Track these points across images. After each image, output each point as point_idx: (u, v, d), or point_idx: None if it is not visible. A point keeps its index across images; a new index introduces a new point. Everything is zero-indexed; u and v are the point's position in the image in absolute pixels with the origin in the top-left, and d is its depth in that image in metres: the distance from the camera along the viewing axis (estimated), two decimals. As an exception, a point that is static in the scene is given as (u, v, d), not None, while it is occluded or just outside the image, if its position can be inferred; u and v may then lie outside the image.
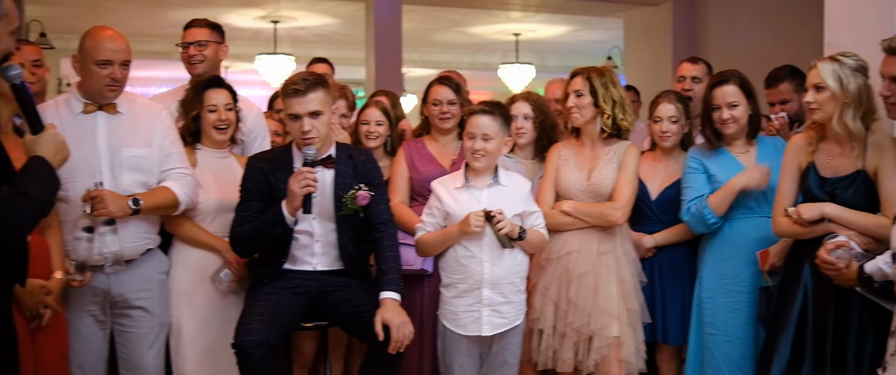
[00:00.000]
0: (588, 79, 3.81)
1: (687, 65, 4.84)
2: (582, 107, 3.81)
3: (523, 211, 3.66)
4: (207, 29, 4.41)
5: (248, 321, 3.37)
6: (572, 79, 3.86)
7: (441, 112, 4.19)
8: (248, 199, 3.59)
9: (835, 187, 3.30)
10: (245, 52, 11.14)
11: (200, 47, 4.36)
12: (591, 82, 3.80)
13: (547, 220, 3.75)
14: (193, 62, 4.36)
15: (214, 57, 4.40)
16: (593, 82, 3.79)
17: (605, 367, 3.70)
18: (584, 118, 3.83)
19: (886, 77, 3.12)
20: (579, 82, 3.82)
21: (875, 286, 3.02)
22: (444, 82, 4.25)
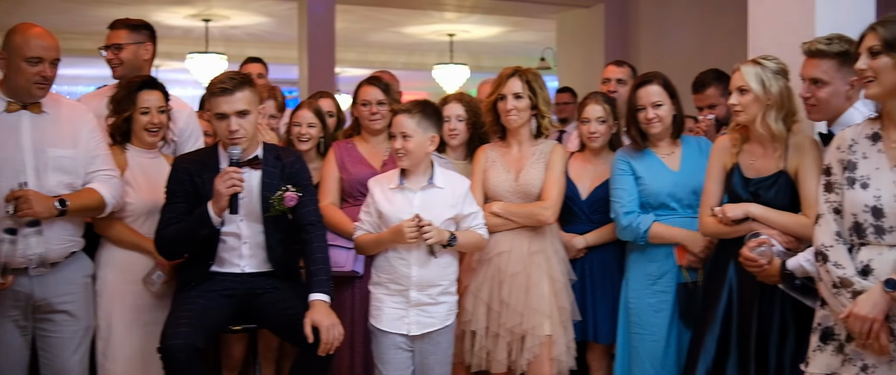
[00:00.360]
0: (526, 81, 3.83)
1: (612, 68, 4.91)
2: (521, 110, 3.84)
3: (458, 213, 3.66)
4: (125, 30, 4.28)
5: (174, 324, 3.32)
6: (508, 79, 3.87)
7: (370, 112, 4.17)
8: (173, 201, 3.54)
9: (758, 187, 3.35)
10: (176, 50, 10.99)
11: (116, 51, 4.24)
12: (529, 84, 3.83)
13: None
14: (112, 65, 4.26)
15: (133, 58, 4.27)
16: (531, 84, 3.83)
17: (537, 366, 3.73)
18: (521, 120, 3.86)
19: (806, 79, 3.19)
20: (517, 84, 3.84)
21: (797, 283, 3.09)
22: (373, 83, 4.23)
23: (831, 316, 2.81)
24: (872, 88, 2.70)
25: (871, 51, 2.68)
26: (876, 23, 2.70)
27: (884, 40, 2.64)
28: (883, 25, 2.66)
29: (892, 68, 2.65)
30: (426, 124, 3.60)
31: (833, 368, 2.79)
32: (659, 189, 3.80)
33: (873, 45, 2.67)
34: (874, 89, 2.70)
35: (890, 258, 2.67)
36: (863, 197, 2.71)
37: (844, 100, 3.18)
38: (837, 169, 2.81)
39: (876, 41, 2.66)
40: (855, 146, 2.78)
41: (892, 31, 2.63)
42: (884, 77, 2.67)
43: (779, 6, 3.55)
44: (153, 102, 3.81)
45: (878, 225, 2.68)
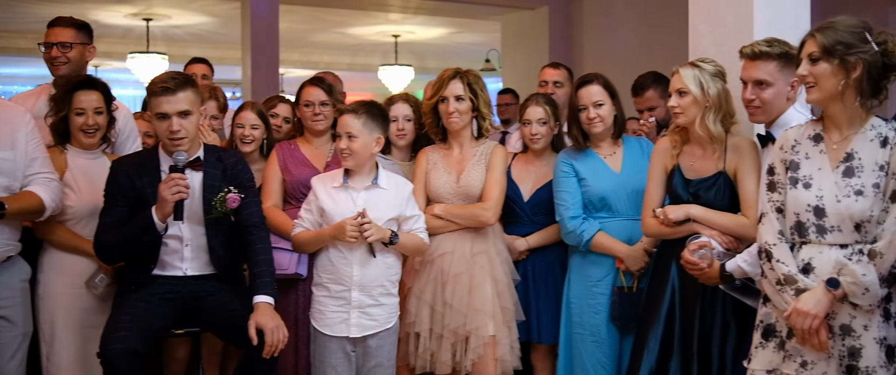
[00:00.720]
0: (468, 83, 3.85)
1: (549, 71, 4.95)
2: (462, 112, 3.85)
3: (400, 214, 3.66)
4: (73, 29, 4.21)
5: (114, 329, 3.26)
6: (449, 82, 3.87)
7: (313, 113, 4.13)
8: (113, 204, 3.47)
9: (698, 188, 3.40)
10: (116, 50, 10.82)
11: (65, 49, 4.16)
12: (470, 86, 3.85)
13: None
14: (56, 64, 4.16)
15: (80, 59, 4.21)
16: (473, 86, 3.85)
17: (481, 366, 3.74)
18: (463, 122, 3.87)
19: (750, 81, 3.23)
20: (459, 86, 3.85)
21: (736, 283, 3.14)
22: (316, 83, 4.19)
23: (773, 314, 2.86)
24: (813, 93, 2.75)
25: (811, 57, 2.73)
26: (815, 29, 2.76)
27: (822, 47, 2.69)
28: (821, 32, 2.72)
29: (831, 74, 2.70)
30: (372, 125, 3.60)
31: (774, 364, 2.83)
32: (601, 190, 3.83)
33: (813, 51, 2.72)
34: (815, 94, 2.75)
35: (830, 257, 2.72)
36: (805, 197, 2.76)
37: (786, 101, 3.24)
38: (780, 168, 2.86)
39: (815, 47, 2.72)
40: (798, 146, 2.83)
41: (830, 37, 2.69)
42: (823, 83, 2.72)
43: (718, 10, 3.61)
44: (90, 103, 3.73)
45: (819, 224, 2.73)
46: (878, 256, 2.64)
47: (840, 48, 2.67)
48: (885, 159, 2.69)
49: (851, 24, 2.70)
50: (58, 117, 3.74)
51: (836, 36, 2.68)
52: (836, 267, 2.68)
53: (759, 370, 2.87)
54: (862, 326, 2.69)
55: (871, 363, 2.67)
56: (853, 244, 2.70)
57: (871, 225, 2.69)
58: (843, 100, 2.72)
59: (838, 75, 2.69)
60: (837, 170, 2.74)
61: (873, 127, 2.74)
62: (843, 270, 2.66)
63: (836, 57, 2.68)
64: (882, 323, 2.69)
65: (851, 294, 2.65)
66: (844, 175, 2.72)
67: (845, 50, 2.67)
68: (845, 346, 2.71)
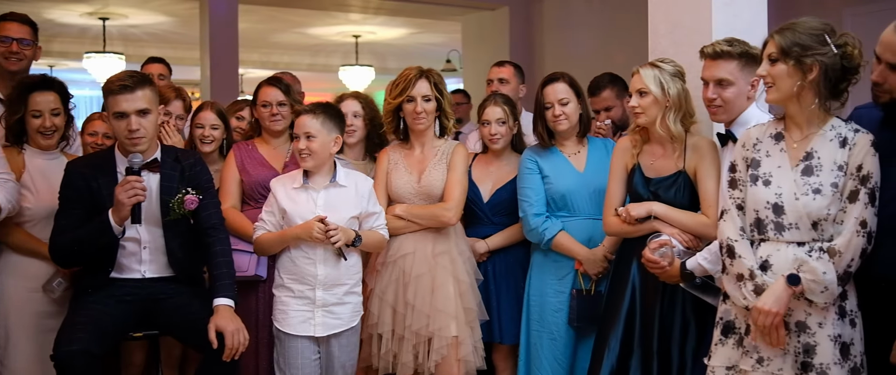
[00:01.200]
0: (434, 83, 3.84)
1: (494, 69, 4.99)
2: (429, 112, 3.85)
3: (362, 212, 3.65)
4: (29, 27, 4.17)
5: (69, 331, 3.22)
6: (416, 81, 3.84)
7: (271, 114, 4.09)
8: (69, 207, 3.42)
9: (658, 187, 3.42)
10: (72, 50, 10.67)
11: (24, 46, 4.12)
12: (437, 86, 3.85)
13: None
14: (12, 59, 4.11)
15: (33, 57, 4.18)
16: (439, 86, 3.85)
17: (445, 367, 3.73)
18: (429, 122, 3.86)
19: (712, 81, 3.25)
20: (426, 86, 3.83)
21: (697, 281, 3.17)
22: (273, 83, 4.15)
23: (733, 310, 2.89)
24: (772, 93, 2.79)
25: (770, 57, 2.76)
26: (776, 30, 2.79)
27: (780, 48, 2.73)
28: (780, 34, 2.75)
29: (787, 75, 2.73)
30: (330, 125, 3.59)
31: (733, 360, 2.86)
32: (564, 188, 3.85)
33: (772, 51, 2.76)
34: (773, 94, 2.79)
35: (788, 254, 2.75)
36: (765, 194, 2.80)
37: (746, 100, 3.26)
38: (742, 166, 2.89)
39: (774, 48, 2.75)
40: (759, 144, 2.87)
41: (788, 39, 2.72)
42: (781, 83, 2.75)
43: (677, 11, 3.63)
44: (46, 104, 3.69)
45: (778, 221, 2.77)
46: (837, 255, 2.69)
47: (796, 50, 2.70)
48: (843, 159, 2.73)
49: (812, 26, 2.73)
50: (13, 119, 3.68)
51: (795, 37, 2.71)
52: (796, 264, 2.72)
53: (719, 366, 2.90)
54: (817, 323, 2.73)
55: (825, 360, 2.71)
56: (810, 241, 2.74)
57: (828, 224, 2.73)
58: (800, 100, 2.76)
59: (794, 76, 2.72)
60: (797, 169, 2.78)
61: (833, 127, 2.78)
62: (803, 267, 2.70)
63: (793, 58, 2.71)
64: (837, 321, 2.73)
65: (810, 291, 2.69)
66: (803, 173, 2.76)
67: (802, 51, 2.70)
68: (801, 343, 2.75)
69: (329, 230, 3.46)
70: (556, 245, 3.82)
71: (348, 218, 3.61)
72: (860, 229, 2.69)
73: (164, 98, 4.15)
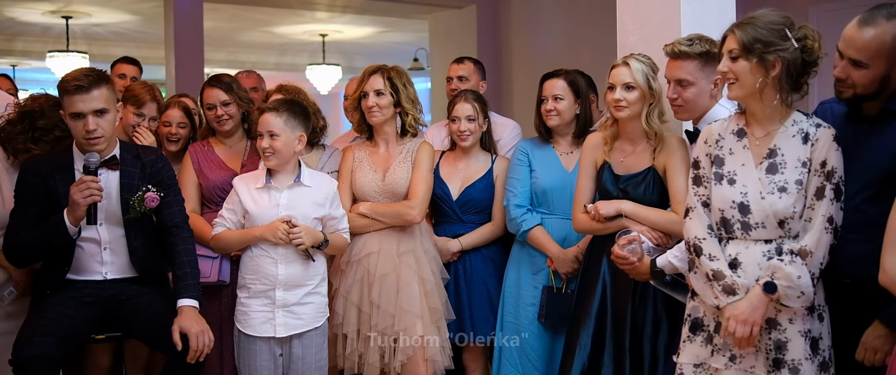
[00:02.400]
0: (388, 78, 3.80)
1: (453, 66, 4.98)
2: (383, 107, 3.81)
3: (326, 214, 3.62)
4: None
5: (28, 334, 3.15)
6: (369, 77, 3.83)
7: (216, 116, 3.97)
8: (23, 205, 3.33)
9: (627, 184, 3.41)
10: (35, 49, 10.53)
11: None
12: (391, 81, 3.80)
13: None
14: None
15: None
16: (394, 81, 3.80)
17: (411, 368, 3.70)
18: (384, 117, 3.82)
19: (672, 80, 3.25)
20: (379, 81, 3.80)
21: (667, 279, 3.15)
22: (213, 84, 4.00)
23: (701, 307, 2.88)
24: (734, 90, 2.77)
25: (731, 54, 2.74)
26: (734, 25, 2.76)
27: (741, 44, 2.70)
28: (740, 28, 2.72)
29: (749, 72, 2.71)
30: (294, 123, 3.55)
31: (702, 358, 2.85)
32: (547, 184, 3.87)
33: (733, 48, 2.73)
34: (736, 91, 2.77)
35: (756, 252, 2.75)
36: (729, 193, 2.78)
37: (709, 99, 3.24)
38: (705, 162, 2.87)
39: (735, 44, 2.72)
40: (721, 141, 2.85)
41: (749, 34, 2.69)
42: (744, 79, 2.73)
43: (645, 6, 3.62)
44: None
45: (744, 220, 2.75)
46: (809, 255, 2.67)
47: (759, 46, 2.68)
48: (806, 155, 2.72)
49: (772, 21, 2.71)
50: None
51: (756, 33, 2.69)
52: (769, 270, 2.69)
53: (687, 363, 2.89)
54: (787, 319, 2.73)
55: (797, 355, 2.71)
56: (777, 239, 2.73)
57: (795, 221, 2.72)
58: (762, 97, 2.74)
59: (757, 73, 2.70)
60: (761, 167, 2.76)
61: (795, 122, 2.76)
62: (777, 273, 2.67)
63: (755, 55, 2.69)
64: (806, 316, 2.73)
65: (786, 297, 2.67)
66: (768, 171, 2.75)
67: (764, 48, 2.68)
68: (772, 339, 2.74)
69: (292, 232, 3.43)
70: (530, 238, 3.84)
71: (311, 219, 3.57)
72: (828, 226, 2.68)
73: (138, 100, 4.08)
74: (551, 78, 3.94)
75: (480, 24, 8.27)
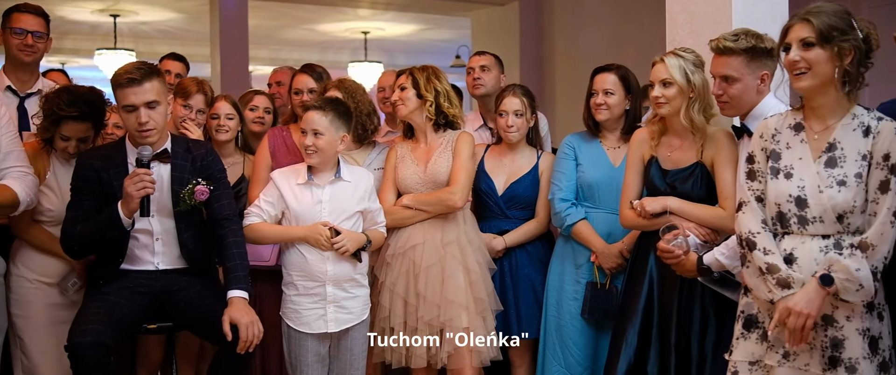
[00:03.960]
0: (410, 74, 3.89)
1: (474, 58, 4.98)
2: (405, 99, 3.86)
3: (366, 208, 3.65)
4: (43, 19, 4.17)
5: (83, 321, 3.21)
6: (396, 78, 3.96)
7: (302, 101, 4.09)
8: (79, 198, 3.41)
9: (675, 179, 3.38)
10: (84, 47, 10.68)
11: (37, 39, 4.12)
12: (412, 76, 3.87)
13: (389, 218, 3.77)
14: (27, 52, 4.10)
15: (45, 50, 4.19)
16: (415, 76, 3.87)
17: (458, 358, 3.70)
18: (408, 108, 3.87)
19: (716, 76, 3.20)
20: (402, 78, 3.91)
21: (714, 276, 3.12)
22: (306, 71, 4.18)
23: (754, 304, 2.84)
24: (805, 80, 2.68)
25: (805, 42, 2.66)
26: (806, 13, 2.68)
27: (818, 32, 2.63)
28: (815, 16, 2.65)
29: (826, 60, 2.64)
30: (338, 123, 3.59)
31: (756, 355, 2.81)
32: (593, 180, 3.86)
33: (806, 36, 2.65)
34: (807, 81, 2.69)
35: (812, 247, 2.70)
36: (786, 187, 2.74)
37: (755, 95, 3.19)
38: (761, 157, 2.82)
39: (809, 32, 2.65)
40: (778, 135, 2.80)
41: (825, 22, 2.62)
42: (818, 69, 2.65)
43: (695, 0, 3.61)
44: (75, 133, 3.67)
45: (801, 215, 2.71)
46: (870, 248, 2.61)
47: (835, 34, 2.62)
48: (867, 149, 2.66)
49: (838, 10, 2.65)
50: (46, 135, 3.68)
51: (830, 21, 2.62)
52: (827, 263, 2.64)
53: (741, 361, 2.85)
54: (845, 317, 2.67)
55: (854, 354, 2.65)
56: (835, 234, 2.68)
57: (854, 216, 2.67)
58: (829, 88, 2.68)
59: (833, 61, 2.64)
60: (819, 161, 2.71)
61: (855, 116, 2.71)
62: (834, 266, 2.62)
63: (832, 43, 2.62)
64: (865, 314, 2.67)
65: (844, 290, 2.61)
66: (827, 165, 2.70)
67: (840, 36, 2.62)
68: (828, 337, 2.69)
69: (335, 241, 3.49)
70: (575, 233, 3.83)
71: (353, 213, 3.61)
72: (893, 219, 2.61)
73: (185, 91, 4.14)
74: (603, 72, 3.91)
75: (523, 21, 8.25)
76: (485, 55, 4.94)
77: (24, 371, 3.63)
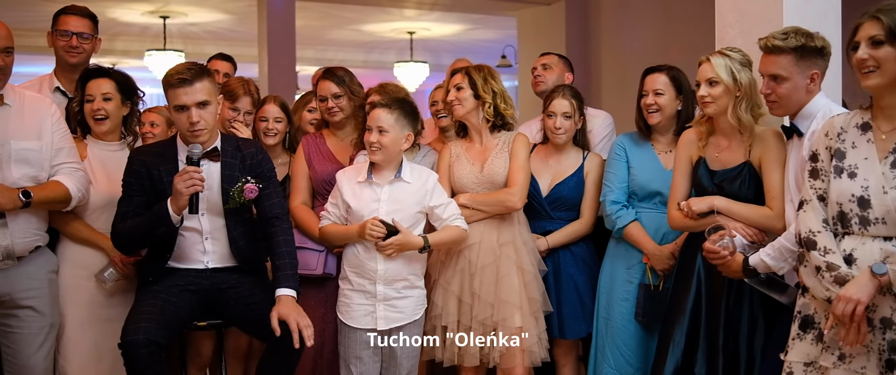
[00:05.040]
0: (467, 73, 3.87)
1: (538, 58, 5.01)
2: (463, 99, 3.84)
3: (430, 205, 3.64)
4: (90, 21, 4.23)
5: (135, 320, 3.26)
6: (451, 76, 3.94)
7: (327, 108, 4.05)
8: (130, 194, 3.47)
9: (723, 179, 3.36)
10: (134, 48, 10.84)
11: (83, 40, 4.18)
12: (469, 75, 3.85)
13: None
14: (74, 53, 4.17)
15: (93, 51, 4.25)
16: (472, 75, 3.85)
17: (510, 358, 3.70)
18: (465, 108, 3.85)
19: (765, 75, 3.16)
20: (458, 77, 3.88)
21: (761, 277, 3.09)
22: (327, 77, 4.11)
23: (811, 305, 2.80)
24: (873, 79, 2.64)
25: (874, 40, 2.61)
26: (877, 10, 2.63)
27: (888, 30, 2.58)
28: (885, 14, 2.60)
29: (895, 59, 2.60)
30: (404, 122, 3.60)
31: (812, 356, 2.78)
32: (645, 182, 3.84)
33: (876, 34, 2.61)
34: (875, 80, 2.64)
35: (873, 248, 2.65)
36: (849, 187, 2.69)
37: (805, 94, 3.13)
38: (825, 155, 2.78)
39: (879, 30, 2.60)
40: (844, 134, 2.76)
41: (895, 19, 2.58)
42: (887, 67, 2.61)
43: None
44: (98, 89, 3.75)
45: (863, 215, 2.66)
46: None
47: None
48: None
49: None
50: (76, 109, 3.76)
51: None
52: (883, 255, 2.60)
53: (797, 362, 2.81)
54: None
55: None
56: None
57: None
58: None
59: None
60: (886, 162, 2.66)
61: None
62: (890, 258, 2.59)
63: None
64: None
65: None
66: (893, 166, 2.64)
67: None
68: (886, 340, 2.63)
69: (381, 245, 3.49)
70: (626, 234, 3.82)
71: (413, 214, 3.61)
72: None
73: (233, 94, 4.18)
74: (653, 72, 3.88)
75: (569, 21, 8.23)
76: (548, 55, 4.97)
77: (59, 372, 3.67)
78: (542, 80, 4.78)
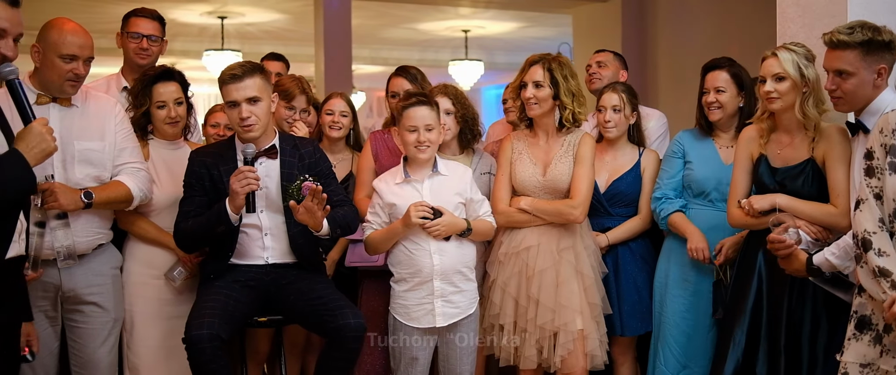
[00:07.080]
0: (548, 69, 3.71)
1: (593, 55, 5.01)
2: (541, 100, 3.72)
3: (468, 198, 3.64)
4: (158, 23, 4.31)
5: (198, 315, 3.30)
6: (530, 67, 3.75)
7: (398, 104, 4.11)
8: (191, 194, 3.53)
9: (784, 177, 3.32)
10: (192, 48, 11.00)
11: (153, 42, 4.26)
12: (551, 73, 3.70)
13: (505, 219, 3.73)
14: (142, 55, 4.24)
15: (160, 53, 4.32)
16: (554, 73, 3.70)
17: (571, 361, 3.66)
18: (541, 110, 3.74)
19: (831, 71, 3.10)
20: (539, 72, 3.71)
21: (826, 276, 3.04)
22: (399, 73, 4.19)
23: (868, 305, 2.75)
24: None
25: None
26: None
27: None
28: None
29: None
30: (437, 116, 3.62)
31: (869, 358, 2.73)
32: (703, 177, 3.81)
33: None
34: None
35: None
36: None
37: (872, 89, 3.06)
38: (880, 153, 2.73)
39: None
40: None
41: None
42: None
43: (808, -8, 3.51)
44: (170, 95, 3.79)
45: None
46: None
47: None
48: None
49: None
50: (138, 112, 3.80)
51: None
52: None
53: (852, 363, 2.77)
54: None
55: None
56: None
57: None
58: None
59: None
60: None
61: None
62: None
63: None
64: None
65: None
66: None
67: None
68: None
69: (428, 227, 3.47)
70: (671, 224, 3.82)
71: (455, 204, 3.60)
72: None
73: (288, 94, 4.22)
74: (713, 69, 3.84)
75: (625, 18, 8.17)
76: (603, 52, 4.97)
77: (129, 368, 3.75)
78: (598, 78, 4.76)
